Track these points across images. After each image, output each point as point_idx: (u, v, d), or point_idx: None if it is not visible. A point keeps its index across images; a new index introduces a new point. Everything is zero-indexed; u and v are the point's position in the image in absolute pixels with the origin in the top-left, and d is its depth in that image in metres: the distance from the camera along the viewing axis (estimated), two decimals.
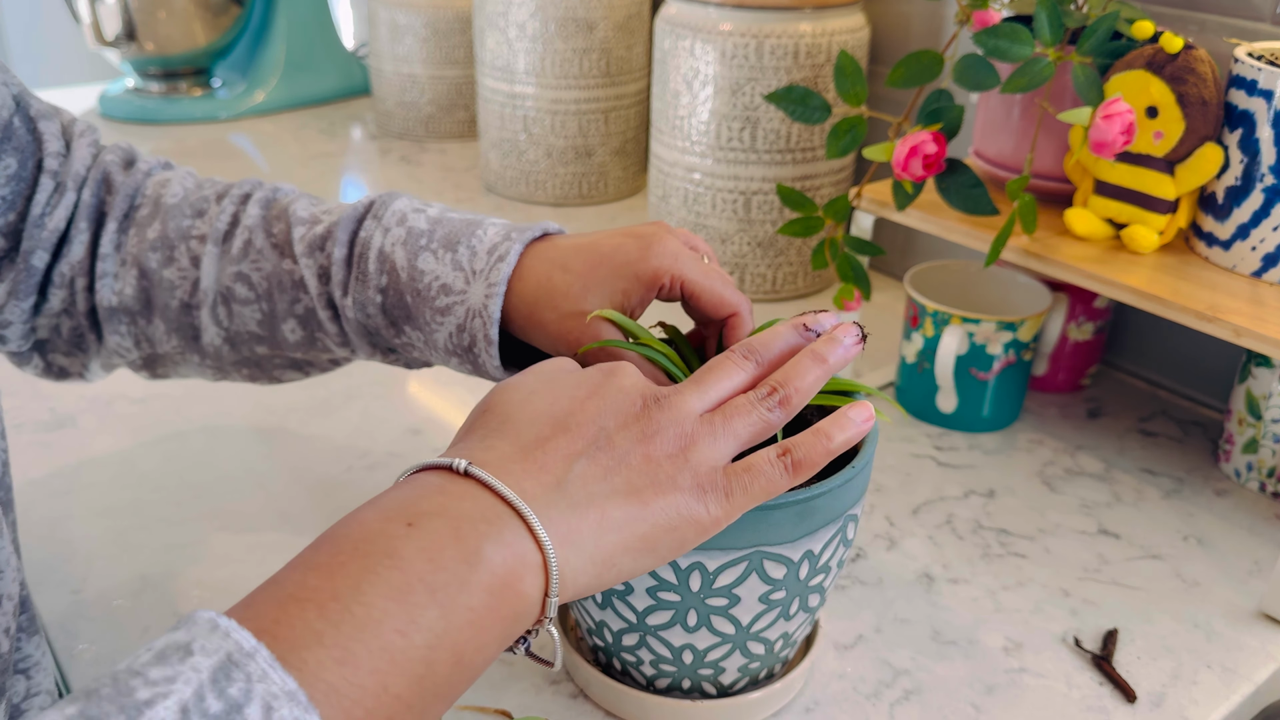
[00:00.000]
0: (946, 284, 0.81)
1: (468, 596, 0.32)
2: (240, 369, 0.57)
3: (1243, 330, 0.59)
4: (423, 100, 1.32)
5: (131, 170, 0.57)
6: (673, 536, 0.37)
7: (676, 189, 0.95)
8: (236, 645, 0.28)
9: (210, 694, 0.27)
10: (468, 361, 0.51)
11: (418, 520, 0.33)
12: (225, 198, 0.55)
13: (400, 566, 0.31)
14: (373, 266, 0.51)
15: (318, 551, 0.32)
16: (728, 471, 0.38)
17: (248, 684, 0.27)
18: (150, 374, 0.59)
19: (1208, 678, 0.56)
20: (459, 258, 0.50)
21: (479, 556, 0.32)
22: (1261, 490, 0.71)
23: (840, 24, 0.88)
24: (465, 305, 0.49)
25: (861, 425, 0.40)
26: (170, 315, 0.55)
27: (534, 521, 0.34)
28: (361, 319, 0.52)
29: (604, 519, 0.35)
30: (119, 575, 0.60)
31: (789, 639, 0.49)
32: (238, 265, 0.54)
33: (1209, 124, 0.64)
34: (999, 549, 0.65)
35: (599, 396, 0.39)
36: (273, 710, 0.27)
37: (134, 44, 1.37)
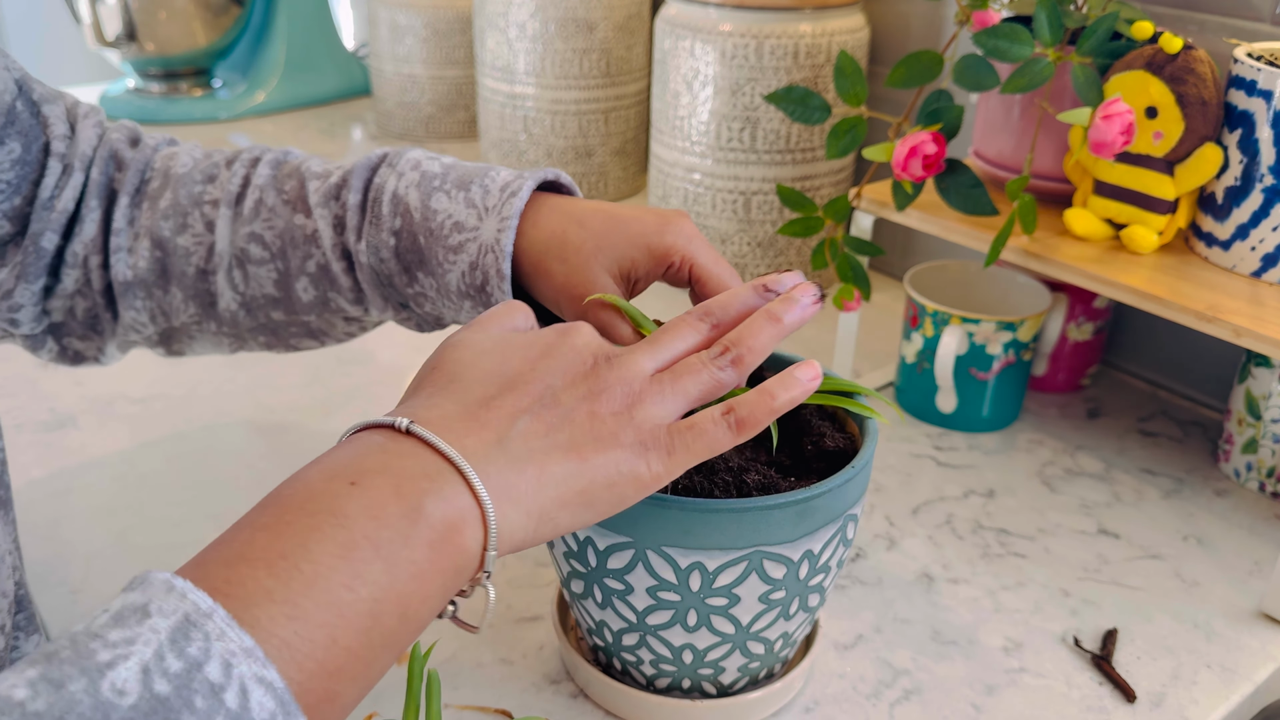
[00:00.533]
0: (946, 284, 0.81)
1: (410, 550, 0.32)
2: (257, 336, 0.57)
3: (1242, 330, 0.59)
4: (423, 100, 1.33)
5: (139, 146, 0.57)
6: (611, 492, 0.37)
7: (676, 189, 0.95)
8: (194, 605, 0.28)
9: (170, 654, 0.27)
10: (480, 304, 0.51)
11: (360, 478, 0.33)
12: (235, 162, 0.56)
13: (345, 524, 0.32)
14: (386, 209, 0.52)
15: (264, 512, 0.33)
16: (671, 429, 0.38)
17: (206, 643, 0.28)
18: (166, 350, 0.59)
19: (1207, 677, 0.56)
20: (472, 195, 0.51)
21: (420, 512, 0.33)
22: (1261, 490, 0.71)
23: (840, 24, 0.88)
24: (478, 242, 0.50)
25: (807, 384, 0.39)
26: (187, 283, 0.55)
27: (472, 477, 0.34)
28: (375, 264, 0.52)
29: (542, 474, 0.36)
30: (119, 575, 0.60)
31: (789, 639, 0.49)
32: (250, 225, 0.54)
33: (1208, 124, 0.64)
34: (999, 549, 0.65)
35: (550, 356, 0.39)
36: (232, 667, 0.27)
37: (134, 44, 1.37)
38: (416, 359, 0.84)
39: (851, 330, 0.80)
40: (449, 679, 0.53)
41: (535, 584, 0.61)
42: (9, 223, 0.53)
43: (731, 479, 0.46)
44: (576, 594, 0.49)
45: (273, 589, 0.30)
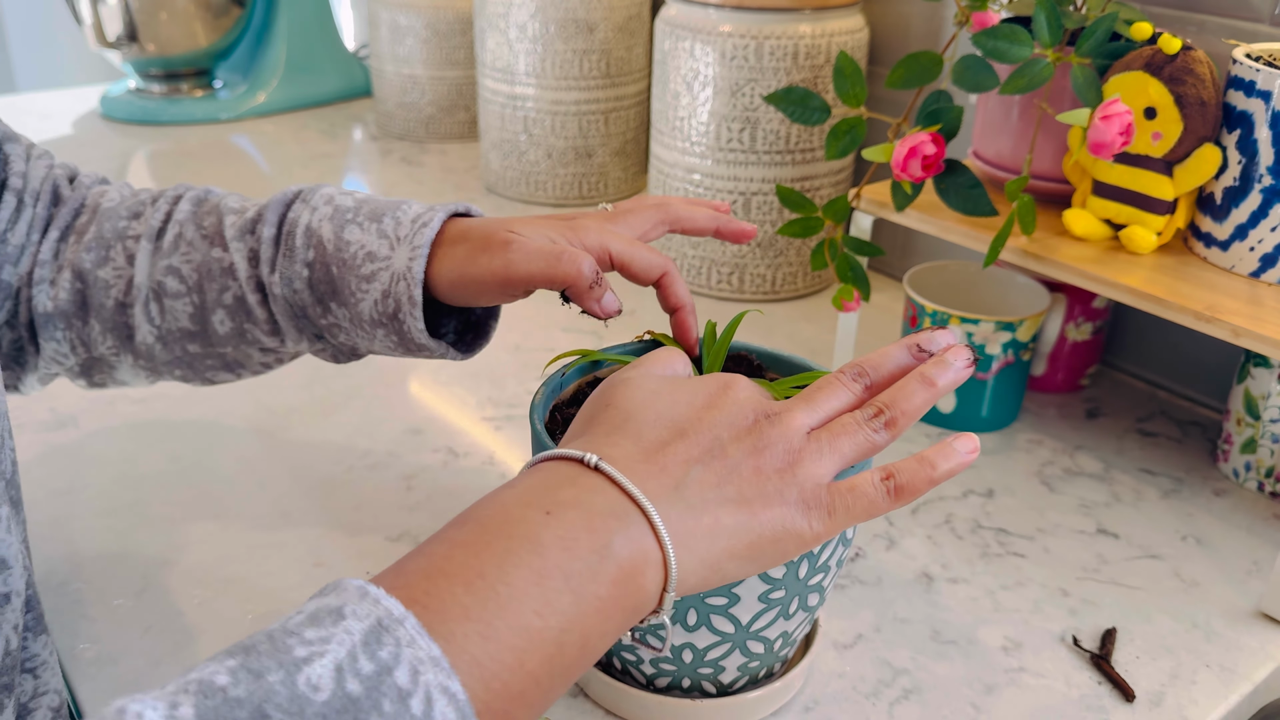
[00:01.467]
0: (945, 284, 0.81)
1: (597, 586, 0.34)
2: (173, 369, 0.58)
3: (1241, 330, 0.59)
4: (423, 101, 1.33)
5: (75, 184, 0.59)
6: (776, 547, 0.38)
7: (676, 190, 0.95)
8: (386, 611, 0.30)
9: (363, 655, 0.28)
10: (393, 331, 0.52)
11: (555, 509, 0.35)
12: (160, 199, 0.57)
13: (540, 552, 0.34)
14: (300, 241, 0.53)
15: (462, 529, 0.35)
16: (832, 489, 0.39)
17: (396, 648, 0.29)
18: (88, 382, 0.60)
19: (1206, 677, 0.56)
20: (384, 227, 0.52)
21: (609, 549, 0.35)
22: (1260, 490, 0.71)
23: (839, 25, 0.88)
24: (390, 270, 0.51)
25: (965, 457, 0.40)
26: (105, 315, 0.55)
27: (657, 520, 0.36)
28: (289, 295, 0.53)
29: (716, 525, 0.37)
30: (120, 575, 0.61)
31: (788, 638, 0.49)
32: (169, 259, 0.55)
33: (1207, 125, 0.65)
34: (998, 548, 0.65)
35: (716, 407, 0.41)
36: (419, 674, 0.29)
37: (135, 45, 1.37)
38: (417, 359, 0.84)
39: (851, 330, 0.80)
40: None
41: None
42: None
43: None
44: None
45: (469, 606, 0.31)
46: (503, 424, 0.77)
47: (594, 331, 0.89)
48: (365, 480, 0.69)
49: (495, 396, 0.80)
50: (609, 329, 0.90)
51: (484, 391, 0.80)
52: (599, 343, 0.87)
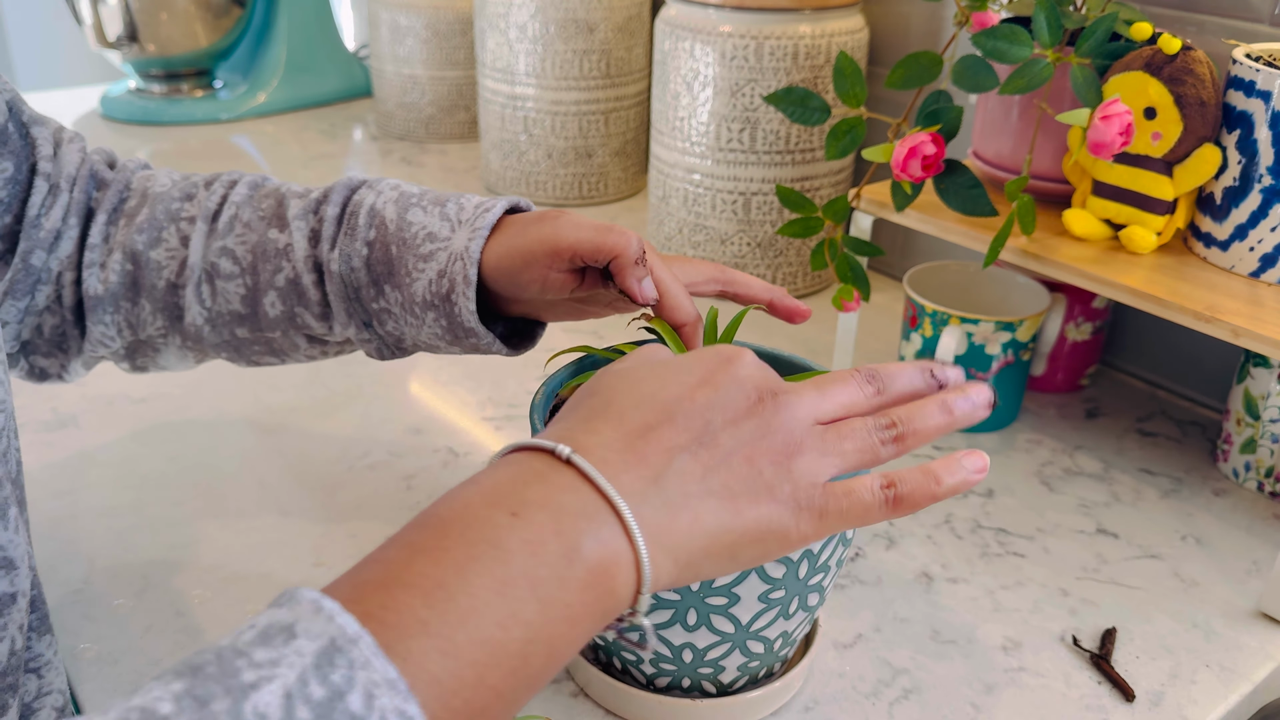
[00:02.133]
0: (945, 284, 0.81)
1: (565, 593, 0.32)
2: (220, 351, 0.58)
3: (1241, 330, 0.59)
4: (423, 101, 1.33)
5: (117, 168, 0.59)
6: (758, 547, 0.36)
7: (676, 190, 0.95)
8: (340, 630, 0.28)
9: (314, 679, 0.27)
10: (443, 314, 0.52)
11: (522, 510, 0.33)
12: (215, 183, 0.58)
13: (504, 559, 0.32)
14: (363, 220, 0.54)
15: (421, 532, 0.33)
16: (826, 490, 0.37)
17: (350, 671, 0.27)
18: (131, 365, 0.60)
19: (1206, 677, 0.56)
20: (447, 210, 0.54)
21: (578, 553, 0.33)
22: (1260, 490, 0.71)
23: (839, 25, 0.88)
24: (448, 250, 0.52)
25: (972, 475, 0.38)
26: (156, 295, 0.56)
27: (630, 520, 0.34)
28: (345, 273, 0.54)
29: (695, 523, 0.35)
30: (120, 575, 0.61)
31: (788, 638, 0.49)
32: (224, 240, 0.55)
33: (1207, 125, 0.65)
34: (998, 548, 0.65)
35: (711, 385, 0.38)
36: (374, 698, 0.27)
37: (136, 45, 1.37)
38: (418, 359, 0.84)
39: (851, 330, 0.80)
40: None
41: None
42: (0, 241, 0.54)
43: None
44: None
45: (428, 620, 0.30)
46: (503, 424, 0.77)
47: (594, 331, 0.89)
48: (365, 480, 0.70)
49: (495, 396, 0.80)
50: (610, 330, 0.90)
51: (484, 391, 0.80)
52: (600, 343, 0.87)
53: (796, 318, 0.55)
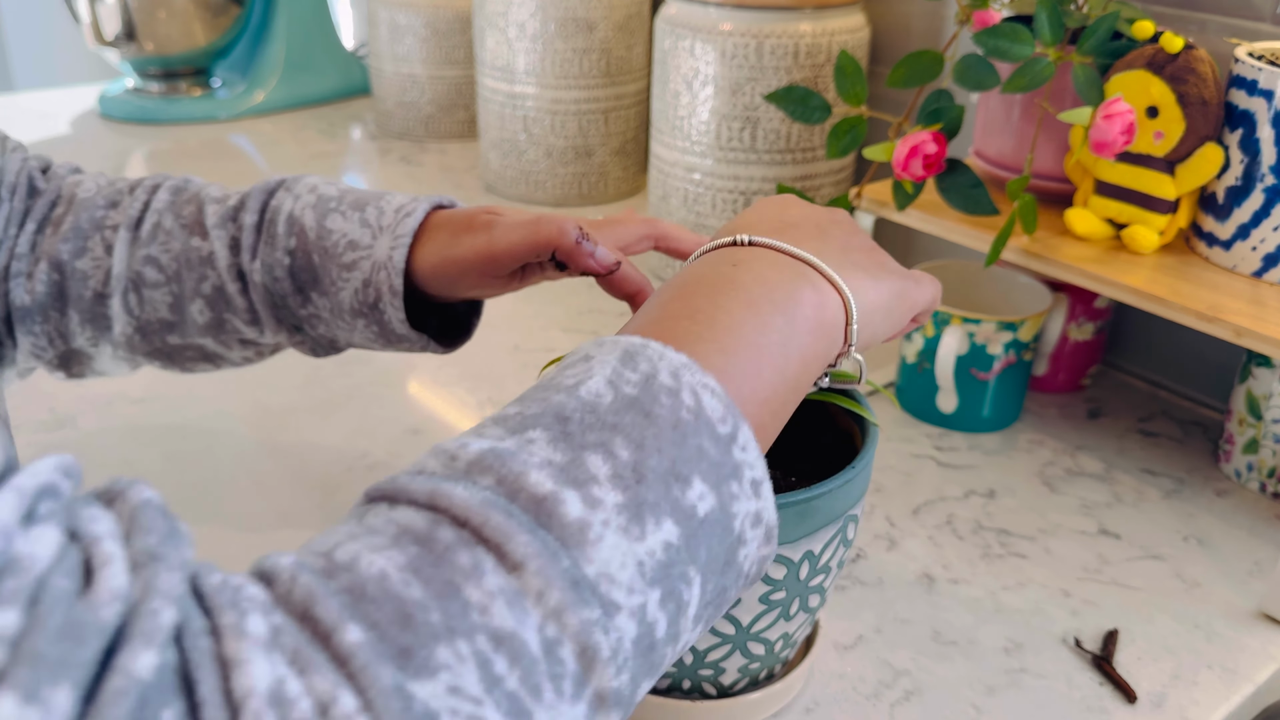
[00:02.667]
0: (947, 284, 0.81)
1: (801, 309, 0.37)
2: (152, 359, 0.58)
3: (1243, 330, 0.59)
4: (422, 100, 1.32)
5: (49, 174, 0.58)
6: (897, 305, 0.42)
7: (676, 189, 0.95)
8: (628, 342, 0.33)
9: (625, 369, 0.32)
10: (373, 322, 0.52)
11: (739, 262, 0.38)
12: (138, 188, 0.57)
13: (744, 288, 0.37)
14: (281, 229, 0.53)
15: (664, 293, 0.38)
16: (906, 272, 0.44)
17: (651, 361, 0.32)
18: (66, 373, 0.59)
19: (1208, 678, 0.56)
20: (366, 216, 0.53)
21: (798, 283, 0.38)
22: (1262, 491, 0.71)
23: (840, 24, 0.88)
24: (371, 259, 0.51)
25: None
26: (83, 306, 0.55)
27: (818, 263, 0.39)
28: (269, 283, 0.53)
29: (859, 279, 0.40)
30: None
31: (789, 639, 0.49)
32: (147, 248, 0.55)
33: (1209, 124, 0.64)
34: (999, 549, 0.65)
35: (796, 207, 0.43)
36: (679, 375, 0.32)
37: (133, 44, 1.37)
38: (418, 359, 0.84)
39: None
40: None
41: None
42: None
43: None
44: None
45: (700, 332, 0.34)
46: None
47: (595, 332, 0.89)
48: (365, 480, 0.69)
49: (495, 397, 0.80)
50: (611, 331, 0.89)
51: (484, 392, 0.80)
52: None
53: None
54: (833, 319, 0.38)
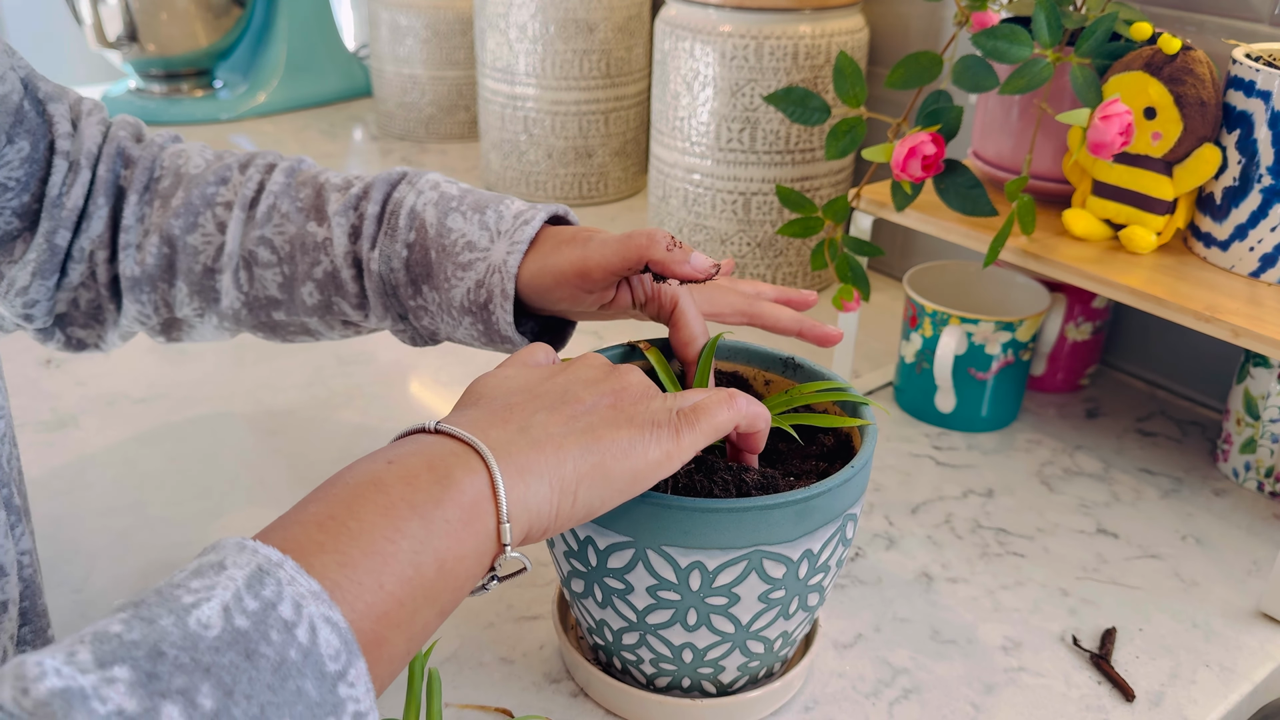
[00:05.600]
0: (945, 284, 0.81)
1: (443, 510, 0.36)
2: (256, 331, 0.60)
3: (1241, 330, 0.59)
4: (424, 101, 1.33)
5: (144, 143, 0.59)
6: (624, 464, 0.40)
7: (676, 190, 0.95)
8: (265, 558, 0.31)
9: (247, 595, 0.30)
10: (480, 320, 0.53)
11: (397, 459, 0.37)
12: (250, 166, 0.58)
13: (384, 491, 0.36)
14: (403, 222, 0.54)
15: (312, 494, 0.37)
16: (681, 413, 0.42)
17: (279, 586, 0.31)
18: (166, 338, 0.61)
19: (1206, 677, 0.56)
20: (486, 219, 0.54)
21: (450, 479, 0.37)
22: (1260, 490, 0.71)
23: (839, 25, 0.88)
24: (487, 261, 0.53)
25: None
26: (193, 279, 0.57)
27: (488, 456, 0.37)
28: (385, 272, 0.55)
29: (559, 450, 0.39)
30: (121, 575, 0.61)
31: (788, 638, 0.49)
32: (262, 229, 0.56)
33: (1207, 125, 0.65)
34: (998, 548, 0.65)
35: (568, 371, 0.43)
36: (302, 607, 0.30)
37: (136, 45, 1.37)
38: (418, 359, 0.84)
39: (851, 330, 0.80)
40: (449, 678, 0.54)
41: (535, 583, 0.61)
42: (18, 219, 0.54)
43: (731, 478, 0.46)
44: (577, 593, 0.49)
45: (323, 542, 0.34)
46: None
47: (595, 333, 0.89)
48: None
49: None
50: (611, 331, 0.90)
51: None
52: (600, 344, 0.87)
53: (827, 342, 0.57)
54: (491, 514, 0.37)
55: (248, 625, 0.29)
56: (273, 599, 0.30)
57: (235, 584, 0.30)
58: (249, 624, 0.29)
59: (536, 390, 0.42)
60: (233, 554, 0.31)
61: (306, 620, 0.30)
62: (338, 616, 0.31)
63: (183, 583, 0.30)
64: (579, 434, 0.40)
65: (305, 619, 0.30)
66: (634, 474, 0.40)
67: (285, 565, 0.31)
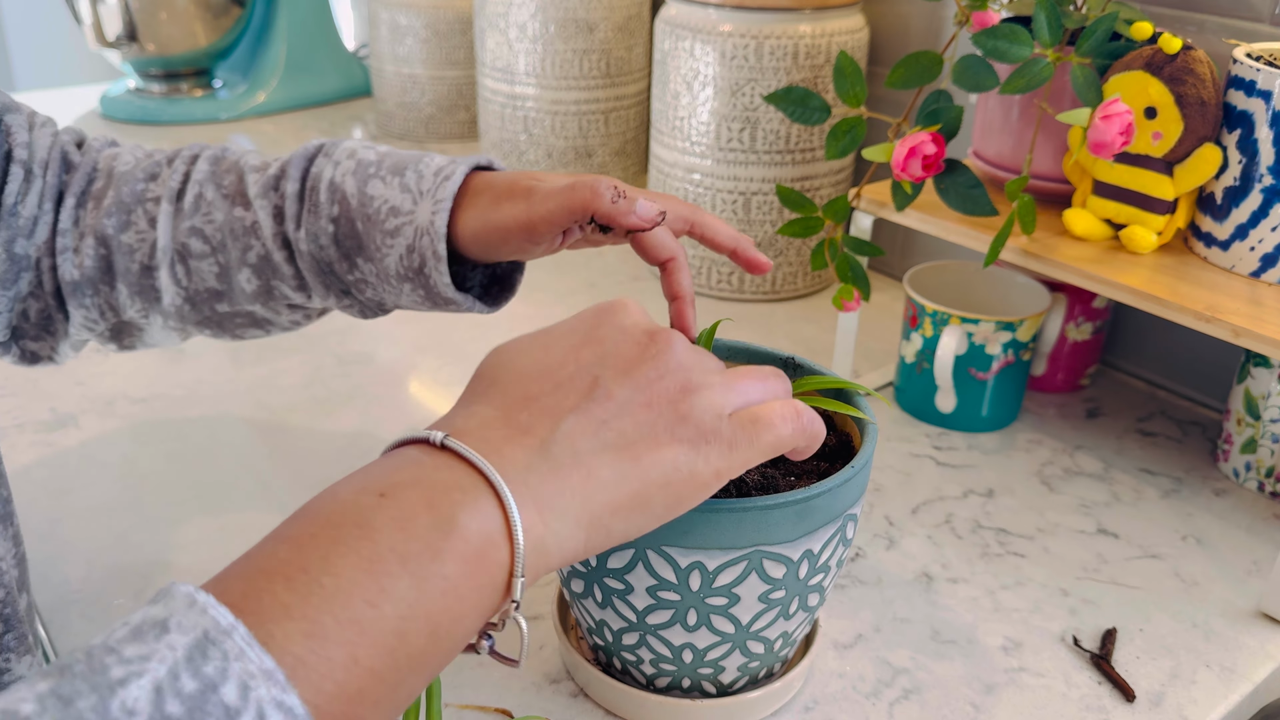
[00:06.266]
0: (945, 284, 0.81)
1: (441, 565, 0.31)
2: (203, 328, 0.58)
3: (1241, 330, 0.59)
4: (423, 101, 1.33)
5: (84, 148, 0.58)
6: (667, 492, 0.35)
7: (676, 189, 0.95)
8: (214, 622, 0.27)
9: (185, 673, 0.26)
10: (419, 285, 0.52)
11: (391, 491, 0.32)
12: (176, 159, 0.57)
13: (370, 536, 0.30)
14: (324, 197, 0.53)
15: (290, 525, 0.32)
16: (733, 420, 0.36)
17: (224, 662, 0.26)
18: (119, 345, 0.60)
19: (1206, 677, 0.56)
20: (406, 180, 0.52)
21: (453, 524, 0.31)
22: (1260, 490, 0.71)
23: (839, 25, 0.88)
24: (413, 224, 0.51)
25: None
26: (131, 279, 0.55)
27: (505, 493, 0.32)
28: (315, 251, 0.53)
29: (589, 479, 0.33)
30: (120, 575, 0.61)
31: (788, 638, 0.49)
32: (190, 220, 0.55)
33: (1207, 124, 0.65)
34: (998, 548, 0.65)
35: (595, 341, 0.37)
36: (249, 689, 0.26)
37: (135, 45, 1.37)
38: (418, 359, 0.84)
39: (851, 330, 0.80)
40: (449, 678, 0.54)
41: (535, 583, 0.61)
42: None
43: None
44: (576, 593, 0.49)
45: (290, 605, 0.28)
46: None
47: None
48: None
49: None
50: None
51: None
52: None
53: (755, 269, 0.53)
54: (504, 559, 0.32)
55: (180, 713, 0.25)
56: (214, 679, 0.26)
57: (174, 655, 0.26)
58: (182, 710, 0.25)
59: (557, 373, 0.36)
60: (180, 611, 0.27)
61: (254, 706, 0.26)
62: (293, 701, 0.26)
63: (117, 646, 0.26)
64: (613, 452, 0.34)
65: (253, 704, 0.26)
66: (677, 500, 0.35)
67: (235, 634, 0.27)
